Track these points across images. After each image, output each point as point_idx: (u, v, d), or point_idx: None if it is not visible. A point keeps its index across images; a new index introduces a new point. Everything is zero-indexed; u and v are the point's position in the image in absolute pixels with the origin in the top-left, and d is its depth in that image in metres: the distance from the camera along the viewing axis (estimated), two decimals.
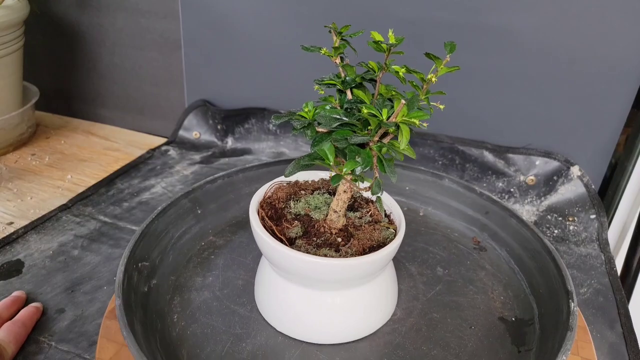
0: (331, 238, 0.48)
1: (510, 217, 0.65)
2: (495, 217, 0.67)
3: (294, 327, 0.51)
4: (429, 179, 0.74)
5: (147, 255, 0.57)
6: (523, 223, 0.63)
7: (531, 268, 0.60)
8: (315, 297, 0.49)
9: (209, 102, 0.97)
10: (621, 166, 0.79)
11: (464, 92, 0.82)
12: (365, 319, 0.51)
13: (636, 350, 0.54)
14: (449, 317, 0.55)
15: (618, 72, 0.73)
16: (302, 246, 0.47)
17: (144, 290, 0.53)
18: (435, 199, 0.74)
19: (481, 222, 0.69)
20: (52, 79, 1.10)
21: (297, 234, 0.49)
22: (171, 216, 0.63)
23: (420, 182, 0.74)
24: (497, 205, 0.67)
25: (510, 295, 0.59)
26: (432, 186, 0.74)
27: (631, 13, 0.70)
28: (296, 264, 0.45)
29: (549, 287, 0.55)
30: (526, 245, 0.62)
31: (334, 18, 0.83)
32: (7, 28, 0.82)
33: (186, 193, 0.66)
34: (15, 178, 0.83)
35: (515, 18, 0.75)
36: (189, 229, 0.65)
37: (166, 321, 0.52)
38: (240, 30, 0.89)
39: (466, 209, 0.71)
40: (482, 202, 0.69)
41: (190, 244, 0.64)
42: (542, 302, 0.55)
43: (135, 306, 0.50)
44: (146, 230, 0.58)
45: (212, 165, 0.88)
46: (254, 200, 0.52)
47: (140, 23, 0.97)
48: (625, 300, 0.61)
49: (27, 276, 0.60)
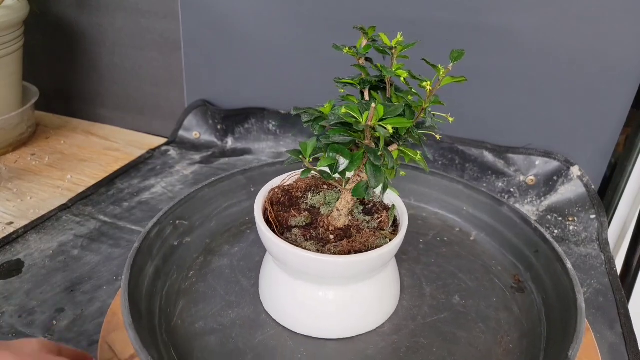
0: (325, 234, 0.49)
1: (556, 260, 0.57)
2: (543, 257, 0.60)
3: (276, 311, 0.53)
4: (487, 203, 0.69)
5: (189, 216, 0.63)
6: (565, 270, 0.55)
7: (557, 323, 0.52)
8: (299, 287, 0.51)
9: (208, 102, 0.97)
10: (621, 166, 0.79)
11: (464, 92, 0.82)
12: (343, 319, 0.51)
13: (636, 351, 0.54)
14: (436, 347, 0.51)
15: (618, 72, 0.73)
16: (296, 235, 0.48)
17: (173, 244, 0.60)
18: (490, 225, 0.68)
19: (529, 260, 0.62)
20: (51, 79, 1.10)
21: (299, 223, 0.50)
22: (224, 187, 0.68)
23: (478, 205, 0.70)
24: (547, 244, 0.59)
25: (522, 346, 0.51)
26: (490, 211, 0.68)
27: (631, 13, 0.70)
28: (275, 249, 0.48)
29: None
30: (563, 297, 0.54)
31: (333, 18, 0.84)
32: (6, 28, 0.82)
33: (243, 170, 0.70)
34: (15, 178, 0.83)
35: (515, 18, 0.75)
36: (238, 203, 0.69)
37: (181, 275, 0.59)
38: (240, 30, 0.89)
39: (518, 242, 0.64)
40: (535, 239, 0.62)
41: (234, 216, 0.68)
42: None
43: (156, 252, 0.57)
44: (194, 194, 0.64)
45: (212, 165, 0.88)
46: (267, 186, 0.54)
47: (140, 23, 0.97)
48: (625, 300, 0.61)
49: (27, 276, 0.60)
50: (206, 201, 0.66)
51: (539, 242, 0.61)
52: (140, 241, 0.54)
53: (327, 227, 0.49)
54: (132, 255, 0.52)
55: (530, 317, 0.55)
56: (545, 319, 0.54)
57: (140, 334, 0.44)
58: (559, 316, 0.52)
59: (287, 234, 0.49)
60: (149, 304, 0.52)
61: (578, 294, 0.50)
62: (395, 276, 0.56)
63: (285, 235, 0.49)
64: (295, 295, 0.51)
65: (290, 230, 0.49)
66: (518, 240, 0.64)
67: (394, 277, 0.55)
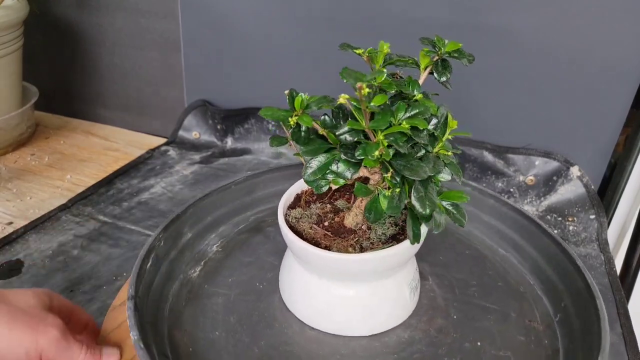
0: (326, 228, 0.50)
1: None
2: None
3: (296, 308, 0.53)
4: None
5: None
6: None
7: None
8: (314, 282, 0.51)
9: (208, 102, 0.97)
10: (620, 166, 0.79)
11: (463, 92, 0.82)
12: (364, 317, 0.51)
13: (635, 351, 0.54)
14: None
15: (618, 72, 0.73)
16: (304, 222, 0.50)
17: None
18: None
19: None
20: (51, 79, 1.10)
21: (323, 213, 0.51)
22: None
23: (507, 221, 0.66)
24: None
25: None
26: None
27: (631, 13, 0.70)
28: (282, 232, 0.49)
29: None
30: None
31: (333, 18, 0.84)
32: (6, 28, 0.82)
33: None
34: (14, 178, 0.83)
35: (515, 18, 0.75)
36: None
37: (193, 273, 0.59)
38: (239, 30, 0.89)
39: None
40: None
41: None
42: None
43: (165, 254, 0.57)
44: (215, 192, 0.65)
45: (212, 165, 0.88)
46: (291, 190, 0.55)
47: (139, 23, 0.97)
48: (624, 300, 0.61)
49: (26, 276, 0.60)
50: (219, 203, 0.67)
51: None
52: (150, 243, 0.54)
53: (337, 225, 0.50)
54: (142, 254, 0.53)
55: None
56: None
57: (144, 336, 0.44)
58: None
59: (299, 222, 0.50)
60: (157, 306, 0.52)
61: None
62: (413, 275, 0.55)
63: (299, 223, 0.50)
64: (315, 292, 0.51)
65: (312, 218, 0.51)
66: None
67: (411, 276, 0.55)
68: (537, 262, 0.61)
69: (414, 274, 0.55)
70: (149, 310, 0.50)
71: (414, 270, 0.55)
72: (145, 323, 0.48)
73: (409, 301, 0.53)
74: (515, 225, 0.64)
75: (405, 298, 0.53)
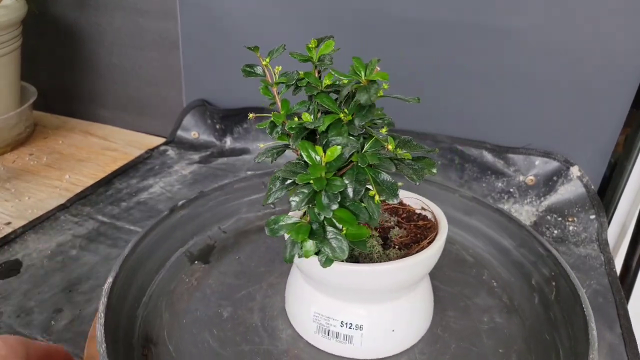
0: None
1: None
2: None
3: (302, 327, 0.51)
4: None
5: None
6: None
7: None
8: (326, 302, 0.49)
9: (207, 102, 0.97)
10: (620, 166, 0.78)
11: (463, 92, 0.82)
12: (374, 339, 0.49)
13: (635, 351, 0.54)
14: None
15: (618, 72, 0.73)
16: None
17: None
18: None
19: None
20: (50, 78, 1.10)
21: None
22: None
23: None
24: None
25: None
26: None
27: (631, 13, 0.69)
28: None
29: None
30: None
31: (332, 18, 0.83)
32: (5, 28, 0.82)
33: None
34: (13, 178, 0.83)
35: (515, 18, 0.74)
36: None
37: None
38: (238, 29, 0.89)
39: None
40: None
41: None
42: None
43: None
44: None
45: (211, 165, 0.88)
46: None
47: (138, 22, 0.97)
48: (624, 300, 0.61)
49: (25, 276, 0.60)
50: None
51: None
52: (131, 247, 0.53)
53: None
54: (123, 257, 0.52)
55: None
56: None
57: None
58: None
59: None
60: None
61: None
62: (429, 290, 0.53)
63: None
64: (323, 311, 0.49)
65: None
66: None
67: (428, 292, 0.53)
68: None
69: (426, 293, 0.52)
70: (122, 324, 0.49)
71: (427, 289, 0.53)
72: (117, 337, 0.47)
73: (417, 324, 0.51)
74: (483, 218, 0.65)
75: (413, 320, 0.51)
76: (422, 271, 0.47)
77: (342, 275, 0.44)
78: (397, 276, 0.45)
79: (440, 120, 0.85)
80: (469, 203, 0.67)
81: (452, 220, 0.59)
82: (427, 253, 0.45)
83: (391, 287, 0.46)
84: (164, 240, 0.60)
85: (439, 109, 0.85)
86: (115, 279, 0.50)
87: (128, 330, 0.50)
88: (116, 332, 0.47)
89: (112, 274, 0.50)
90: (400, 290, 0.47)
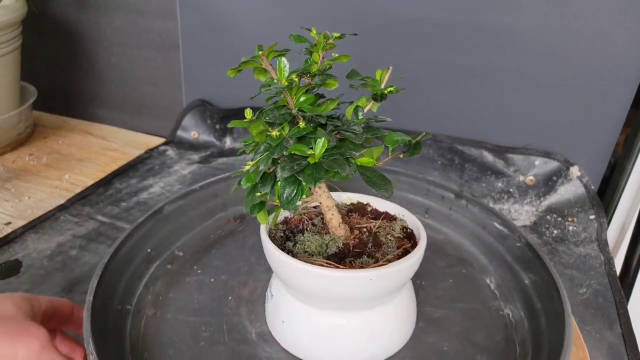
0: (364, 247, 0.46)
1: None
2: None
3: (285, 339, 0.50)
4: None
5: None
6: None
7: None
8: (311, 313, 0.48)
9: (207, 102, 0.97)
10: (620, 166, 0.78)
11: (463, 92, 0.82)
12: (358, 347, 0.48)
13: (635, 351, 0.54)
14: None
15: (618, 72, 0.73)
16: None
17: None
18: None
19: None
20: (50, 78, 1.10)
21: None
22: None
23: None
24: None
25: None
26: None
27: (631, 13, 0.69)
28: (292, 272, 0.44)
29: None
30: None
31: (332, 18, 0.83)
32: (4, 28, 0.82)
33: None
34: (13, 178, 0.83)
35: (515, 18, 0.74)
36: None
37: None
38: (238, 29, 0.89)
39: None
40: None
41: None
42: None
43: None
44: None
45: (211, 165, 0.88)
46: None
47: (138, 22, 0.97)
48: (624, 300, 0.61)
49: (25, 276, 0.60)
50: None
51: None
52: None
53: (353, 243, 0.47)
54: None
55: None
56: None
57: None
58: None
59: None
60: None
61: None
62: (411, 297, 0.52)
63: None
64: (308, 322, 0.48)
65: None
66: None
67: (410, 299, 0.52)
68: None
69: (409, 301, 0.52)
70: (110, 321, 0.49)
71: (410, 296, 0.52)
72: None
73: (401, 331, 0.50)
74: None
75: (397, 328, 0.50)
76: (402, 279, 0.46)
77: (316, 279, 0.43)
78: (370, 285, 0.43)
79: (440, 120, 0.85)
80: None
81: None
82: (411, 260, 0.44)
83: (370, 296, 0.45)
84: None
85: (438, 109, 0.85)
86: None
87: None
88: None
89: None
90: (381, 298, 0.46)
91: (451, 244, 0.66)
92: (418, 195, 0.70)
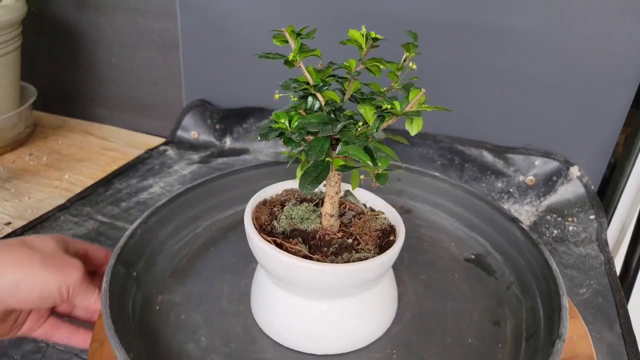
0: (344, 242, 0.46)
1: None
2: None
3: (270, 326, 0.50)
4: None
5: None
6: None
7: None
8: (292, 300, 0.48)
9: (207, 102, 0.97)
10: (620, 166, 0.78)
11: (463, 92, 0.82)
12: (337, 334, 0.48)
13: (635, 351, 0.54)
14: None
15: (618, 72, 0.73)
16: (321, 260, 0.44)
17: None
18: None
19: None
20: (49, 78, 1.10)
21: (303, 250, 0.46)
22: None
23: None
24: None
25: None
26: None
27: (631, 13, 0.69)
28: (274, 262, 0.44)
29: None
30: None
31: (332, 18, 0.83)
32: (4, 28, 0.82)
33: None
34: (12, 178, 0.83)
35: (515, 18, 0.74)
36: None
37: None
38: (238, 29, 0.89)
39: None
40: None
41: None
42: None
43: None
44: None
45: (211, 165, 0.88)
46: (257, 196, 0.51)
47: (138, 22, 0.97)
48: (624, 300, 0.61)
49: None
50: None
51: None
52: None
53: (336, 236, 0.46)
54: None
55: None
56: None
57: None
58: None
59: None
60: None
61: None
62: (392, 286, 0.53)
63: None
64: (288, 308, 0.48)
65: (311, 259, 0.45)
66: None
67: (391, 287, 0.52)
68: None
69: (390, 288, 0.52)
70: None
71: (391, 283, 0.52)
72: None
73: (382, 318, 0.50)
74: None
75: (378, 314, 0.50)
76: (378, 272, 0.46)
77: (302, 271, 0.43)
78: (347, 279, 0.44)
79: (440, 120, 0.85)
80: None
81: None
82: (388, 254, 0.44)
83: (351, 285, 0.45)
84: None
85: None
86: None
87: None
88: None
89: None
90: (361, 286, 0.46)
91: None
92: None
